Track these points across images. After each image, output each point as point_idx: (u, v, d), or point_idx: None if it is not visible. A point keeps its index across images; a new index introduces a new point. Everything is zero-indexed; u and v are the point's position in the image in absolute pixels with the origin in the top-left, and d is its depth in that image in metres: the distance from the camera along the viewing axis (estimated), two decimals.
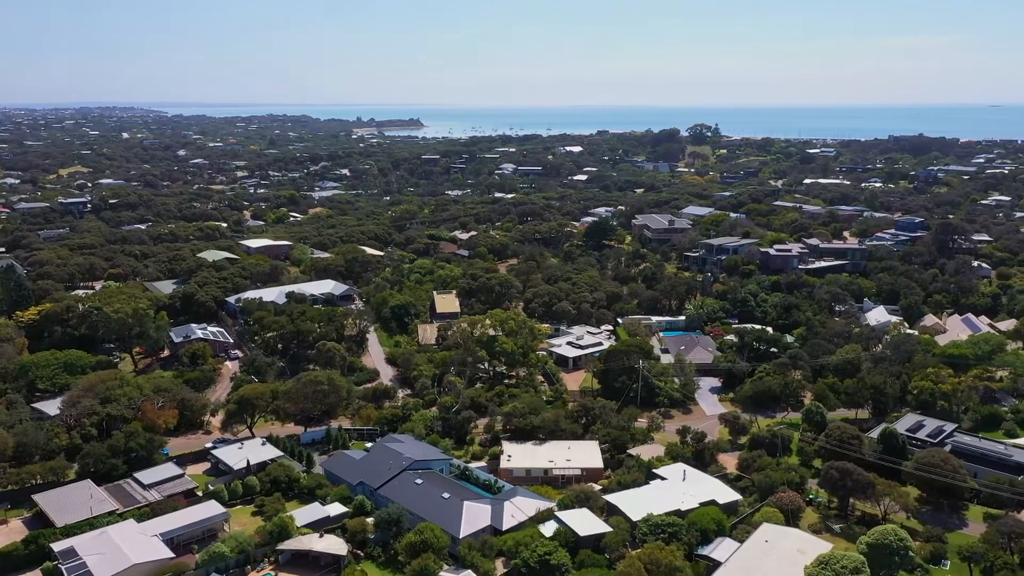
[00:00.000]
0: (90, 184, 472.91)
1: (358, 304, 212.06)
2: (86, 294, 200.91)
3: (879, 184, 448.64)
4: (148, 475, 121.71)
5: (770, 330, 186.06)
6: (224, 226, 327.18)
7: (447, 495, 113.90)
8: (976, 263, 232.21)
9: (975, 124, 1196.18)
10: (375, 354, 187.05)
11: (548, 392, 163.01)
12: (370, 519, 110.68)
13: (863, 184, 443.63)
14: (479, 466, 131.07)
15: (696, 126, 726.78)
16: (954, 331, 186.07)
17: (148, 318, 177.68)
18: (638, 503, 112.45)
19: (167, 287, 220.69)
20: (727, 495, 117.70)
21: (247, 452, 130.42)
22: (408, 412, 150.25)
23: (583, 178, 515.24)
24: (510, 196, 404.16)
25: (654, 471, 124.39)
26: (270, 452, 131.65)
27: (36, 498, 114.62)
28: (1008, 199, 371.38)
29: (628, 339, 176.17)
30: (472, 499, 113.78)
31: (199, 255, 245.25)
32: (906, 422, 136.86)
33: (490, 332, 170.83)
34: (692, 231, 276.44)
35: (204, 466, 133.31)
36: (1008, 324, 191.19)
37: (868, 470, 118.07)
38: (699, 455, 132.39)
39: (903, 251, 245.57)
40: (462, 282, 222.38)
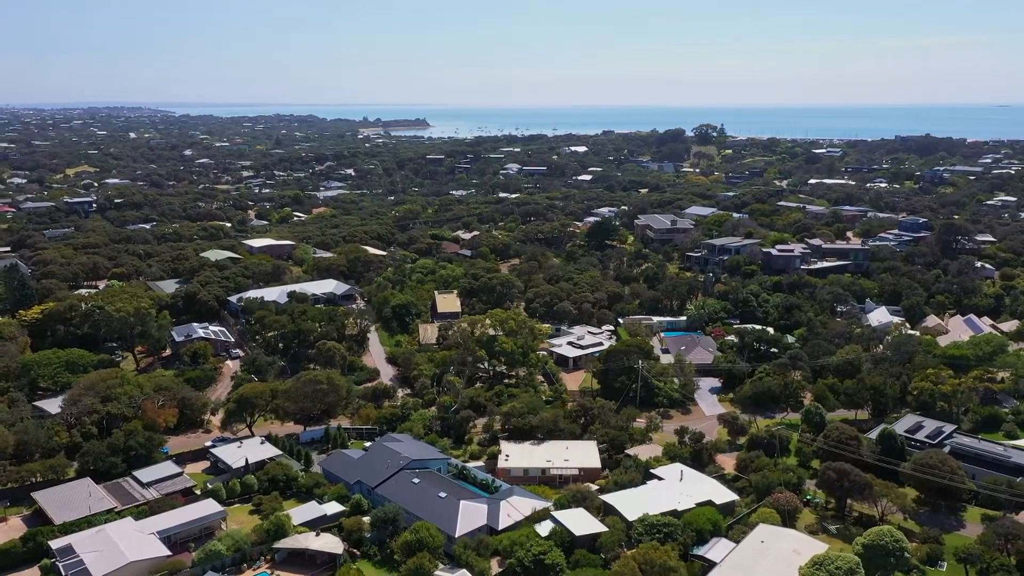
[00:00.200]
0: (96, 184, 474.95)
1: (360, 304, 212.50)
2: (89, 293, 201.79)
3: (884, 184, 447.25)
4: (147, 473, 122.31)
5: (771, 330, 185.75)
6: (228, 226, 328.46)
7: (444, 494, 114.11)
8: (979, 264, 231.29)
9: (983, 124, 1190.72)
10: (376, 353, 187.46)
11: (547, 392, 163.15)
12: (366, 518, 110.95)
13: (868, 184, 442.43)
14: (477, 465, 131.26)
15: (701, 126, 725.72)
16: (956, 332, 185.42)
17: (150, 317, 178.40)
18: (634, 503, 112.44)
19: (170, 286, 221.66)
20: (724, 495, 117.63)
21: (246, 451, 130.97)
22: (407, 411, 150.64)
23: (587, 178, 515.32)
24: (514, 196, 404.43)
25: (651, 471, 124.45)
26: (269, 451, 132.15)
27: (35, 496, 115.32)
28: (1014, 199, 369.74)
29: (628, 339, 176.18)
30: (469, 498, 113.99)
31: (202, 255, 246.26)
32: (905, 423, 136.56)
33: (490, 332, 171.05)
34: (694, 231, 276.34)
35: (203, 465, 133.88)
36: (1011, 325, 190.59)
37: (866, 471, 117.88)
38: (697, 455, 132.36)
39: (906, 252, 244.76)
40: (463, 282, 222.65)
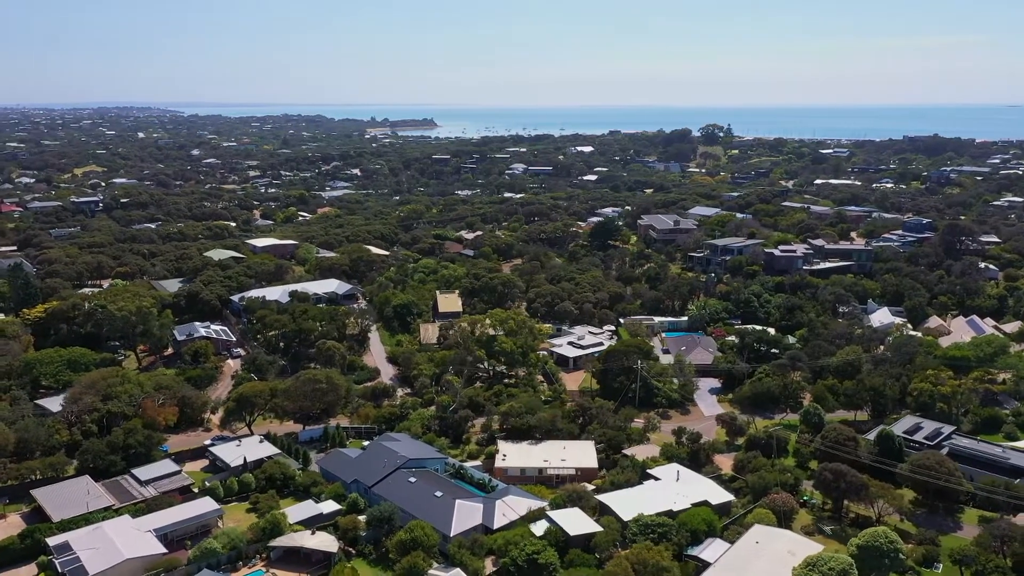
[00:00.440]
0: (104, 183, 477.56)
1: (361, 303, 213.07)
2: (92, 292, 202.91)
3: (890, 185, 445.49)
4: (145, 471, 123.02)
5: (771, 331, 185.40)
6: (233, 225, 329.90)
7: (439, 493, 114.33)
8: (983, 264, 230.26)
9: (992, 124, 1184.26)
10: (376, 353, 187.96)
11: (547, 392, 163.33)
12: (362, 517, 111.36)
13: (874, 185, 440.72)
14: (474, 465, 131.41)
15: (708, 126, 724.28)
16: (958, 333, 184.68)
17: (152, 316, 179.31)
18: (630, 503, 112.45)
19: (173, 285, 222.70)
20: (720, 496, 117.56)
21: (244, 450, 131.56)
22: (406, 411, 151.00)
23: (593, 178, 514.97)
24: (518, 196, 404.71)
25: (648, 471, 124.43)
26: (267, 450, 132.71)
27: (34, 493, 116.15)
28: (1021, 200, 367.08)
29: (627, 339, 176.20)
30: (464, 498, 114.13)
31: (205, 254, 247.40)
32: (904, 424, 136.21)
33: (490, 332, 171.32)
34: (697, 231, 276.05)
35: (202, 463, 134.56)
36: (1014, 326, 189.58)
37: (864, 472, 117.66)
38: (694, 456, 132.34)
39: (909, 252, 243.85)
40: (465, 282, 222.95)
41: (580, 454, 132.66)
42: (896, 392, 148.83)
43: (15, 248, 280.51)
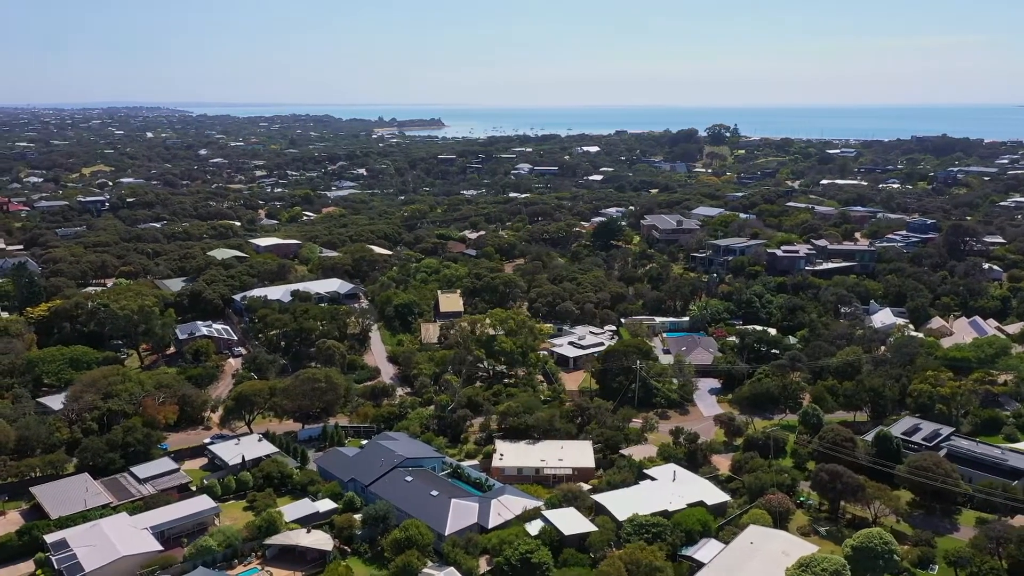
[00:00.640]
0: (111, 183, 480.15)
1: (363, 303, 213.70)
2: (96, 291, 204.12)
3: (896, 185, 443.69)
4: (144, 469, 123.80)
5: (772, 331, 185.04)
6: (238, 225, 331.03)
7: (435, 493, 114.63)
8: (987, 265, 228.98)
9: (1002, 124, 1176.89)
10: (377, 352, 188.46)
11: (546, 392, 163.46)
12: (358, 515, 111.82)
13: (881, 185, 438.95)
14: (472, 464, 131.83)
15: (714, 126, 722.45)
16: (961, 334, 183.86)
17: (154, 315, 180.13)
18: (625, 503, 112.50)
19: (177, 285, 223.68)
20: (716, 496, 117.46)
21: (243, 448, 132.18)
22: (405, 410, 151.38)
23: (599, 178, 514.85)
24: (523, 196, 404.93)
25: (645, 471, 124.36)
26: (266, 448, 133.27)
27: (33, 490, 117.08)
28: None
29: (627, 340, 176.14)
30: (460, 497, 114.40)
31: (209, 253, 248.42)
32: (902, 425, 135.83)
33: (490, 331, 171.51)
34: (700, 232, 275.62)
35: (202, 461, 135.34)
36: (1017, 327, 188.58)
37: (862, 473, 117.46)
38: (692, 456, 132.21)
39: (913, 253, 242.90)
40: (467, 281, 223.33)
41: (577, 454, 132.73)
42: (896, 393, 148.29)
43: (21, 247, 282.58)
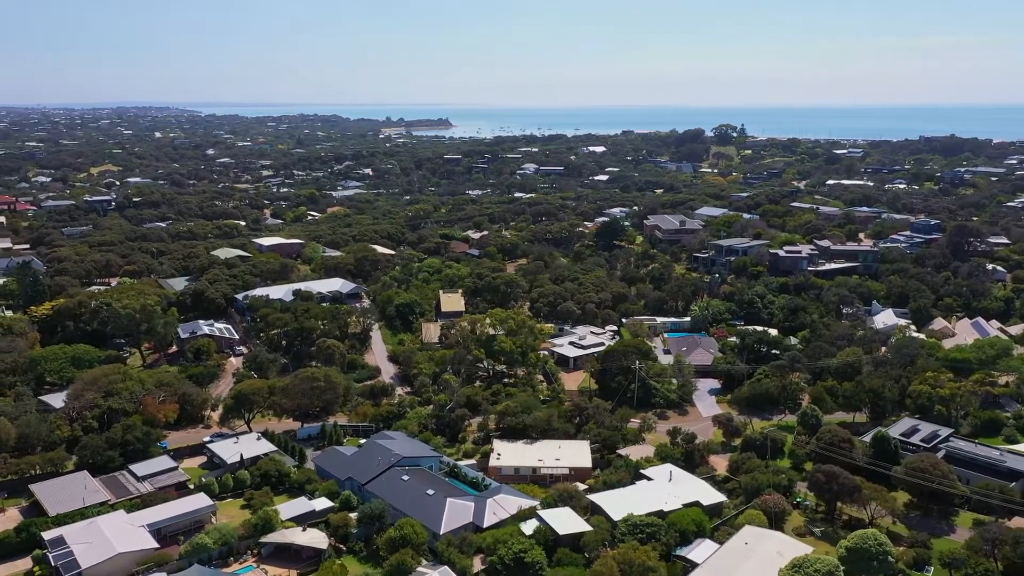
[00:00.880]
0: (118, 183, 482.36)
1: (365, 302, 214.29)
2: (99, 290, 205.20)
3: (903, 185, 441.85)
4: (142, 467, 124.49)
5: (773, 332, 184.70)
6: (243, 224, 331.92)
7: (431, 492, 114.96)
8: (991, 266, 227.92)
9: (1011, 125, 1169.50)
10: (378, 352, 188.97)
11: (545, 391, 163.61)
12: (354, 514, 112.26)
13: (887, 185, 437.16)
14: (469, 464, 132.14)
15: (721, 126, 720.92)
16: (963, 335, 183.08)
17: (156, 314, 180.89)
18: (621, 503, 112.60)
19: (180, 284, 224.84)
20: (712, 497, 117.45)
21: (242, 447, 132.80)
22: (404, 409, 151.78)
23: (604, 178, 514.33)
24: (528, 196, 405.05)
25: (641, 471, 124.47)
26: (264, 447, 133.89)
27: (32, 488, 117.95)
28: None
29: (626, 340, 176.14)
30: (456, 496, 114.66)
31: (212, 253, 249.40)
32: (901, 426, 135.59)
33: (490, 331, 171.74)
34: (703, 232, 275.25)
35: (201, 459, 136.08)
36: (1019, 328, 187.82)
37: (859, 474, 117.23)
38: (689, 456, 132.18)
39: (916, 254, 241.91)
40: (468, 281, 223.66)
41: (575, 454, 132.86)
42: (895, 394, 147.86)
43: (28, 246, 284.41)
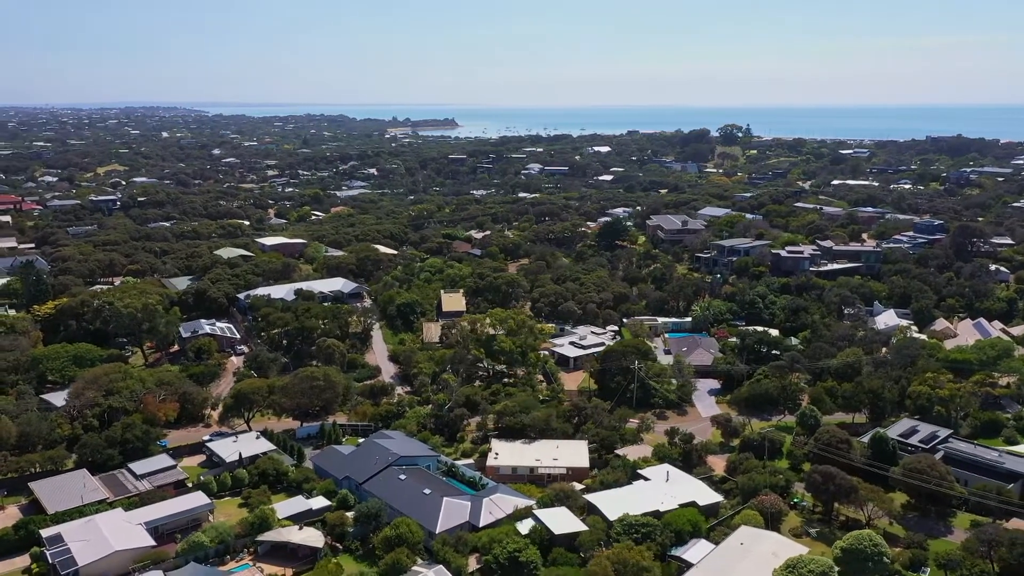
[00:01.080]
0: (124, 182, 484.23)
1: (367, 302, 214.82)
2: (102, 289, 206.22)
3: (908, 186, 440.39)
4: (141, 466, 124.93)
5: (774, 332, 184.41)
6: (247, 224, 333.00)
7: (428, 491, 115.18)
8: (994, 267, 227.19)
9: (1017, 125, 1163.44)
10: (379, 351, 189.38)
11: (545, 391, 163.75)
12: (350, 513, 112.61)
13: (892, 186, 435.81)
14: (467, 463, 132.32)
15: (726, 126, 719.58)
16: (965, 336, 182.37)
17: (158, 313, 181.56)
18: (617, 503, 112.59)
19: (183, 283, 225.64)
20: (709, 497, 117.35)
21: (241, 445, 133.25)
22: (403, 409, 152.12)
23: (609, 178, 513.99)
24: (531, 196, 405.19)
25: (638, 471, 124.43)
26: (263, 446, 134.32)
27: (32, 486, 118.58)
28: None
29: (626, 340, 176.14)
30: (452, 496, 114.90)
31: (215, 252, 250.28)
32: (900, 427, 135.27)
33: (490, 331, 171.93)
34: (705, 232, 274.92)
35: (200, 458, 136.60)
36: (1022, 329, 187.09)
37: (858, 475, 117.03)
38: (687, 456, 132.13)
39: (919, 254, 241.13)
40: (470, 281, 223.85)
41: (572, 454, 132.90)
42: (895, 395, 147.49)
43: (33, 245, 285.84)
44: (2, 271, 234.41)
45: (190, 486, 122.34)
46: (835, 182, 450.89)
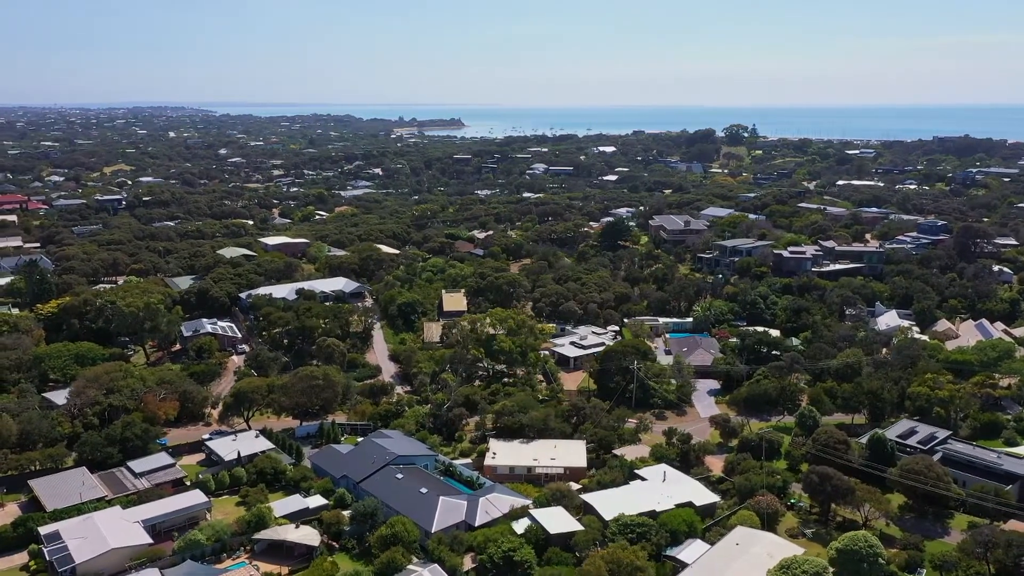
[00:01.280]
0: (130, 182, 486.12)
1: (368, 301, 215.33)
2: (105, 288, 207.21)
3: (914, 186, 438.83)
4: (140, 464, 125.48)
5: (774, 333, 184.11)
6: (250, 224, 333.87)
7: (425, 490, 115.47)
8: (998, 268, 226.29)
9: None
10: (379, 351, 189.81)
11: (544, 391, 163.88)
12: (347, 512, 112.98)
13: (898, 186, 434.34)
14: (464, 463, 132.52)
15: (732, 126, 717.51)
16: (967, 337, 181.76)
17: (159, 312, 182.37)
18: (613, 503, 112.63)
19: (186, 282, 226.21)
20: (705, 497, 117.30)
21: (240, 444, 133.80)
22: (402, 408, 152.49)
23: (613, 178, 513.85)
24: (535, 196, 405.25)
25: (635, 471, 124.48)
26: (262, 445, 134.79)
27: (31, 483, 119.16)
28: None
29: (626, 340, 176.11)
30: (449, 495, 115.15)
31: (218, 252, 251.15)
32: (898, 428, 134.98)
33: (490, 331, 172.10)
34: (708, 232, 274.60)
35: (199, 457, 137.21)
36: (1023, 331, 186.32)
37: (856, 476, 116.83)
38: (684, 457, 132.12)
39: (922, 255, 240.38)
40: (471, 281, 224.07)
41: (570, 453, 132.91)
42: (894, 396, 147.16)
43: (38, 245, 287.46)
44: (7, 270, 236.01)
45: (188, 484, 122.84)
46: (840, 182, 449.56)
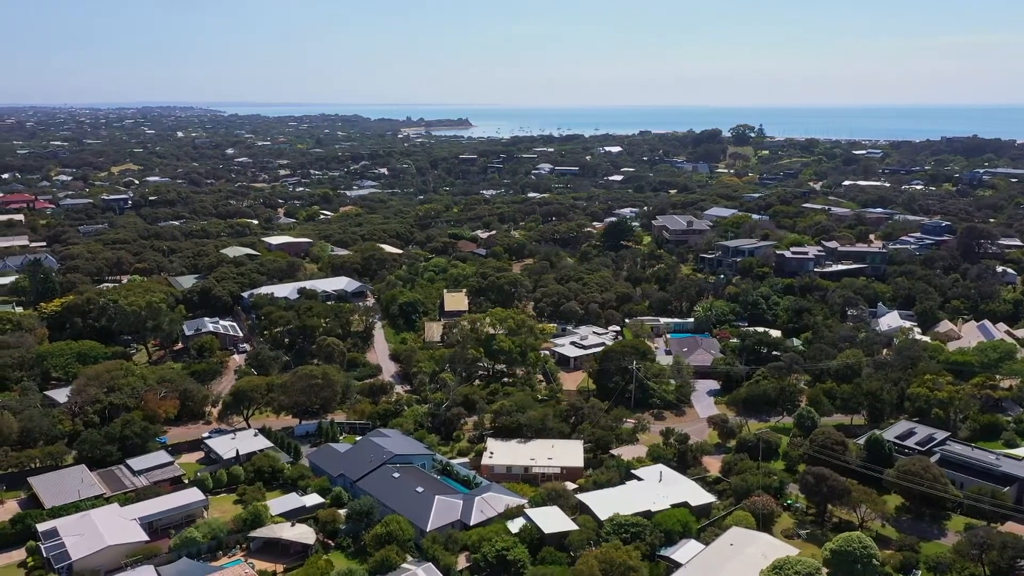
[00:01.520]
0: (137, 181, 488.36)
1: (370, 301, 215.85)
2: (109, 287, 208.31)
3: (920, 187, 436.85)
4: (139, 462, 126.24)
5: (775, 333, 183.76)
6: (255, 223, 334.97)
7: (421, 489, 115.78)
8: (1002, 268, 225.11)
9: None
10: (380, 350, 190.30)
11: (543, 391, 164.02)
12: (343, 510, 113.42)
13: (904, 187, 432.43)
14: (462, 462, 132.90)
15: (738, 126, 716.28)
16: (969, 338, 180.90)
17: (161, 311, 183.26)
18: (609, 502, 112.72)
19: (189, 282, 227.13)
20: (701, 497, 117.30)
21: (238, 443, 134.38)
22: (401, 407, 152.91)
23: (619, 178, 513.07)
24: (540, 196, 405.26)
25: (632, 471, 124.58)
26: (261, 443, 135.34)
27: (31, 480, 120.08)
28: None
29: (625, 340, 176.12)
30: (445, 494, 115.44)
31: (222, 251, 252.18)
32: (897, 429, 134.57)
33: (490, 331, 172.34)
34: (711, 232, 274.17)
35: (199, 455, 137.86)
36: None
37: (853, 477, 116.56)
38: (682, 457, 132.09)
39: (925, 255, 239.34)
40: (473, 281, 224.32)
41: (567, 453, 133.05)
42: (894, 397, 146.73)
43: (44, 243, 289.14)
44: (12, 269, 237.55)
45: (186, 482, 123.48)
46: (846, 183, 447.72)
